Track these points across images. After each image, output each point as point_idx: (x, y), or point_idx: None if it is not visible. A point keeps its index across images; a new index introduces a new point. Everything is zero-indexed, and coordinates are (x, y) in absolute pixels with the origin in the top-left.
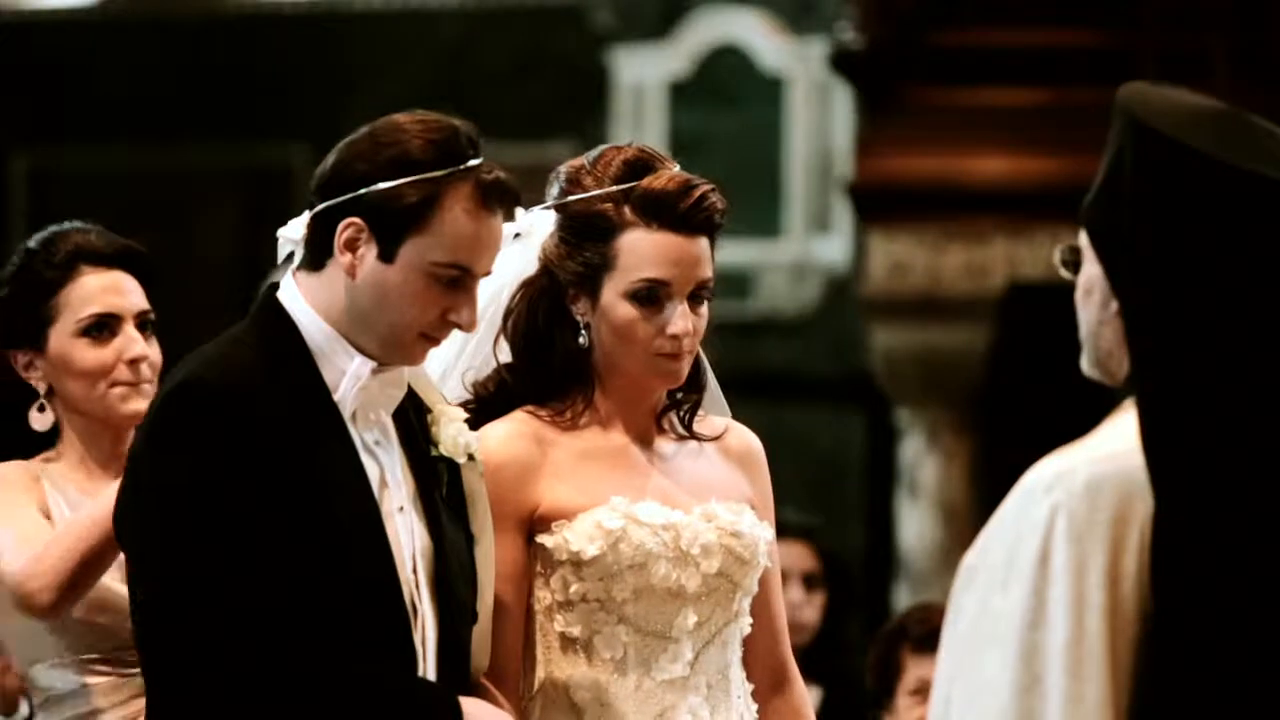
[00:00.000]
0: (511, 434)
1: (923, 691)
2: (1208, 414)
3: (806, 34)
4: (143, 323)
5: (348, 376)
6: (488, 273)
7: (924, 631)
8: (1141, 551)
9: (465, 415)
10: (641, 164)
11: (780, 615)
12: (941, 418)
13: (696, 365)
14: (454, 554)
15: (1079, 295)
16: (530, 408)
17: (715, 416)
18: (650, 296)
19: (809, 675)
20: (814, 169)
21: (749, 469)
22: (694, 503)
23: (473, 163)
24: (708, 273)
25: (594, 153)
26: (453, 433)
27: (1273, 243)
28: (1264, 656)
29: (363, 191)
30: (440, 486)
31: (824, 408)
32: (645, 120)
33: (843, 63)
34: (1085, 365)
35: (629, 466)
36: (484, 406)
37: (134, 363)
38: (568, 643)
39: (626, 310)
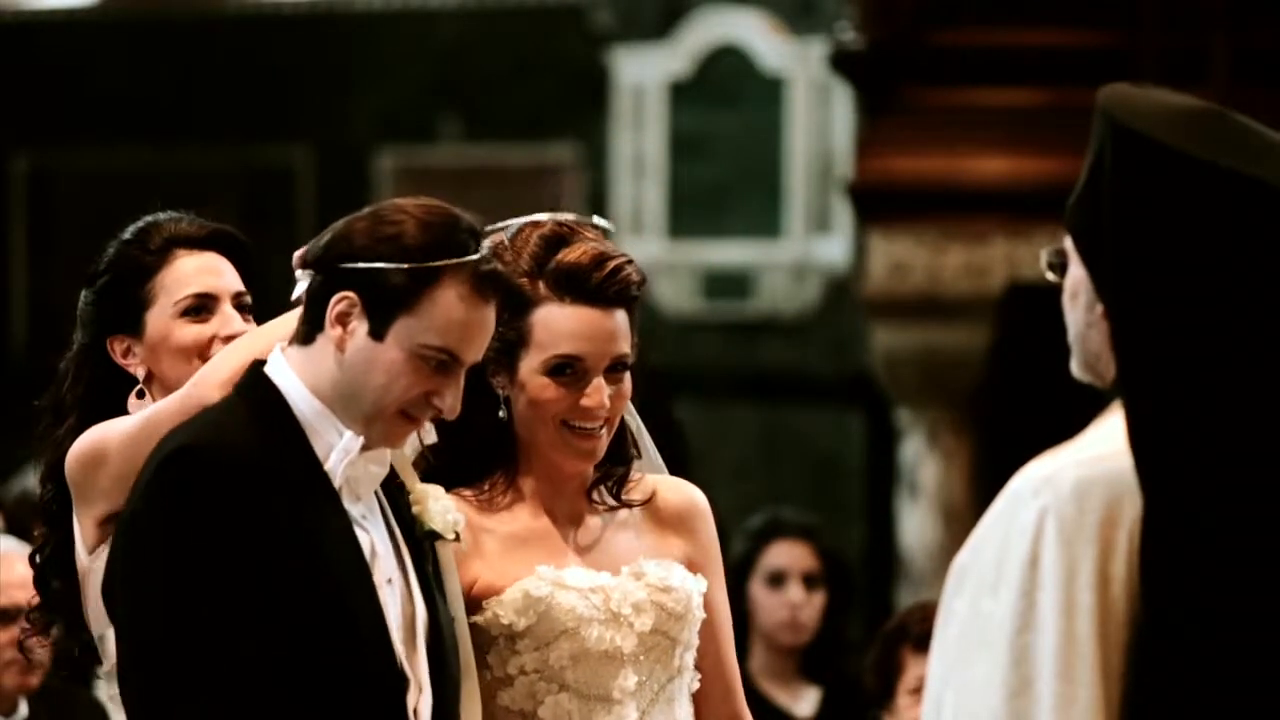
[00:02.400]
0: None
1: (923, 690)
2: (1195, 414)
3: (806, 34)
4: (240, 304)
5: (337, 450)
6: (476, 360)
7: (924, 630)
8: (1131, 553)
9: (446, 493)
10: (558, 239)
11: (732, 668)
12: (941, 418)
13: (621, 437)
14: (447, 628)
15: (1065, 298)
16: (456, 491)
17: (650, 475)
18: (565, 371)
19: (809, 675)
20: (814, 169)
21: (685, 525)
22: (622, 565)
23: (470, 258)
24: (623, 347)
25: (513, 226)
26: (441, 509)
27: (1255, 240)
28: (1254, 657)
29: (358, 266)
30: (429, 561)
31: (824, 408)
32: (645, 120)
33: (843, 63)
34: (1075, 368)
35: (557, 543)
36: None
37: (231, 340)
38: (513, 716)
39: (542, 385)
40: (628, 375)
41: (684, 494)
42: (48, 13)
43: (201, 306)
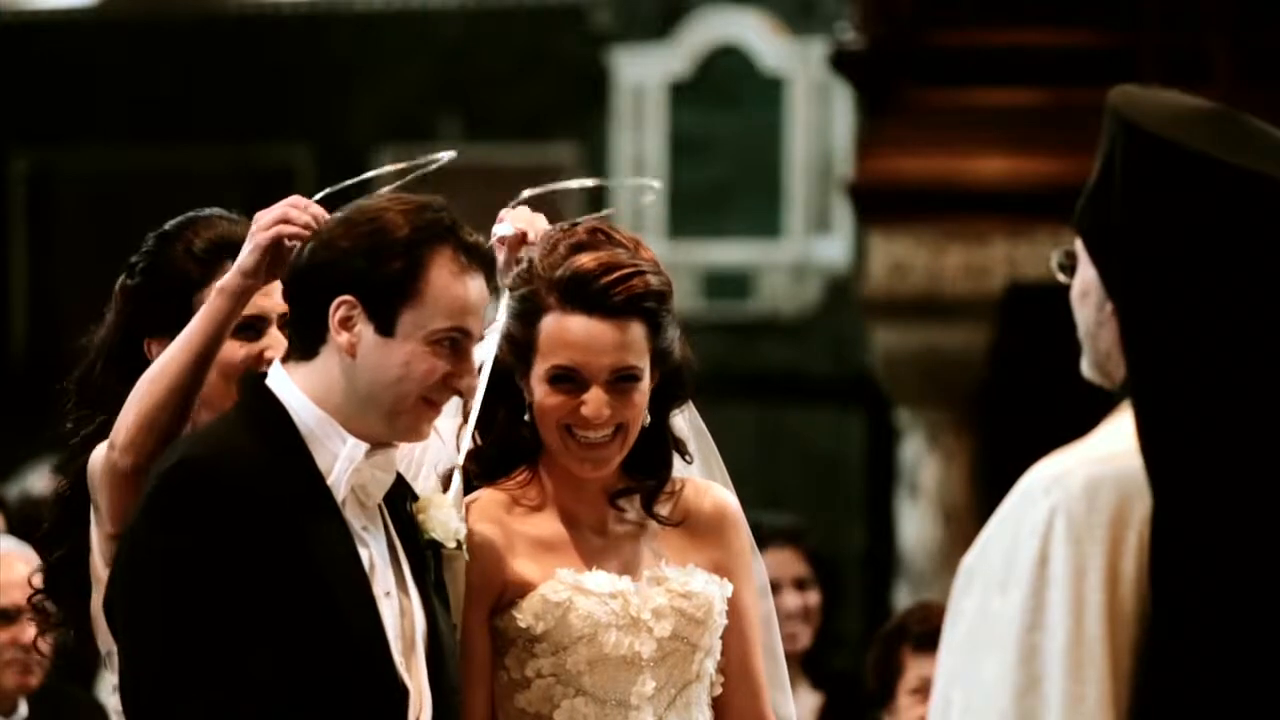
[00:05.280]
0: (477, 518)
1: (924, 690)
2: (1204, 413)
3: (806, 34)
4: (285, 324)
5: (341, 459)
6: (481, 336)
7: (924, 630)
8: (1140, 552)
9: (452, 502)
10: (578, 246)
11: (759, 673)
12: (941, 418)
13: (656, 448)
14: (447, 637)
15: (1075, 297)
16: (490, 486)
17: (688, 480)
18: (564, 381)
19: (811, 679)
20: (814, 169)
21: (715, 530)
22: (644, 570)
23: (449, 225)
24: (629, 359)
25: (551, 230)
26: (443, 518)
27: (1266, 239)
28: (1263, 656)
29: (350, 267)
30: (430, 572)
31: (824, 408)
32: (645, 120)
33: (843, 63)
34: (1085, 368)
35: (580, 549)
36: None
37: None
38: (528, 718)
39: (544, 393)
40: (639, 385)
41: (715, 499)
42: (48, 13)
43: (250, 326)
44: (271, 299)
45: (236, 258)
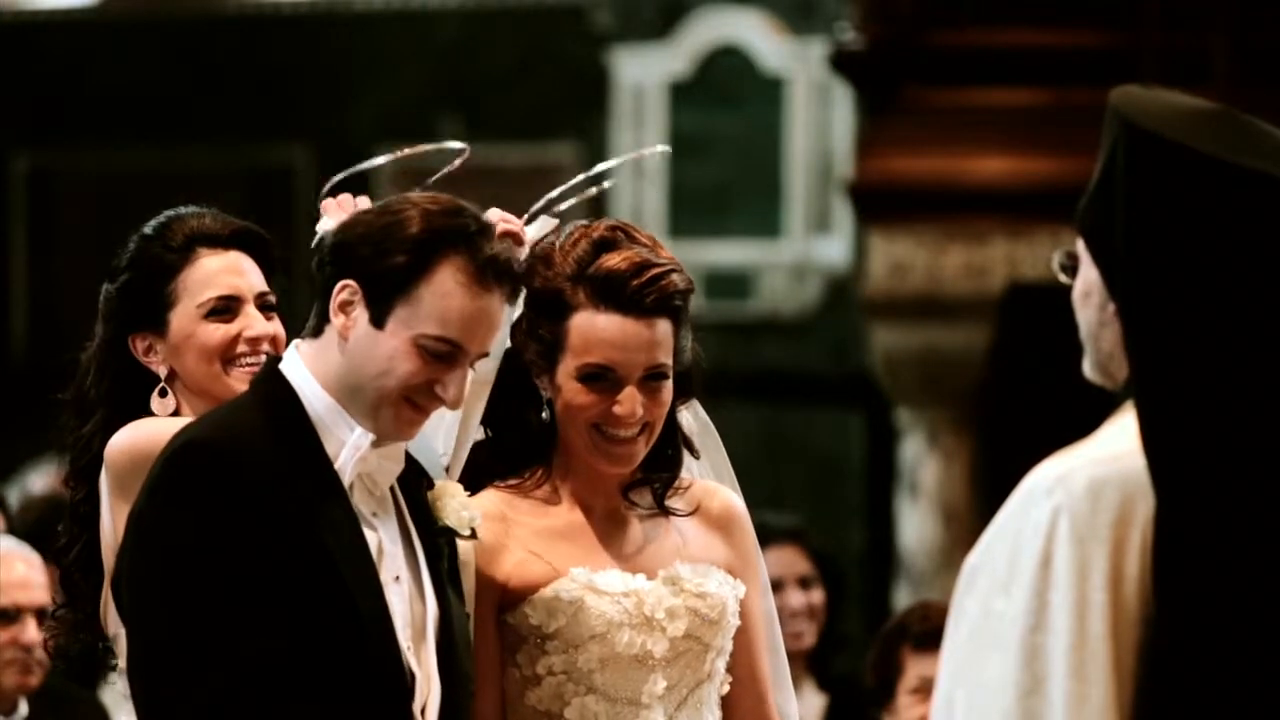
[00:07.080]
0: (480, 515)
1: (923, 690)
2: (1207, 413)
3: (806, 34)
4: (263, 303)
5: (347, 447)
6: (484, 353)
7: (924, 630)
8: (1143, 553)
9: (465, 490)
10: (604, 244)
11: (764, 674)
12: (941, 418)
13: (669, 443)
14: (459, 625)
15: (1077, 298)
16: (496, 484)
17: (699, 480)
18: (597, 379)
19: (817, 680)
20: (814, 169)
21: (726, 531)
22: (659, 569)
23: (470, 234)
24: (660, 357)
25: (567, 228)
26: (456, 506)
27: (1268, 238)
28: (1266, 657)
29: (358, 253)
30: (443, 559)
31: (824, 408)
32: (645, 120)
33: (843, 63)
34: (1087, 369)
35: (592, 541)
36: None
37: (255, 341)
38: (539, 716)
39: (575, 390)
40: (667, 383)
41: (723, 501)
42: (47, 13)
43: (225, 308)
44: (246, 279)
45: (211, 248)
